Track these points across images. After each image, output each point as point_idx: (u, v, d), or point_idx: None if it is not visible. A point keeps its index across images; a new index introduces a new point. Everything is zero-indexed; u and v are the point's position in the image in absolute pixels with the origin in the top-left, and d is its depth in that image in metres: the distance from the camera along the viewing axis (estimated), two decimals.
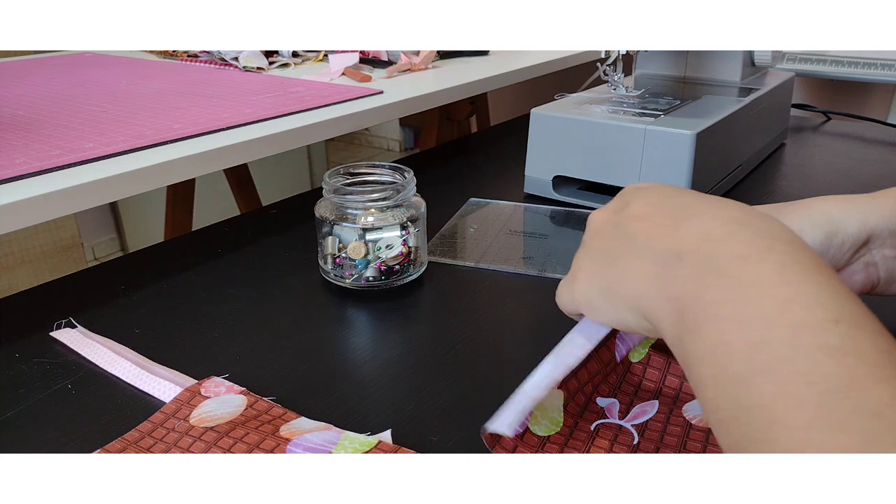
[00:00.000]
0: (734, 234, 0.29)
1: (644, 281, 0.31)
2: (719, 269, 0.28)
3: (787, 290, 0.26)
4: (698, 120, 0.63)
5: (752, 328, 0.25)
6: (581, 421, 0.37)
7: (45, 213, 0.49)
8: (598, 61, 0.72)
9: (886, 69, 1.22)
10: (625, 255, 0.33)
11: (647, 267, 0.31)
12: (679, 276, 0.29)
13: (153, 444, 0.35)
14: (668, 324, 0.29)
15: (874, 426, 0.21)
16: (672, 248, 0.30)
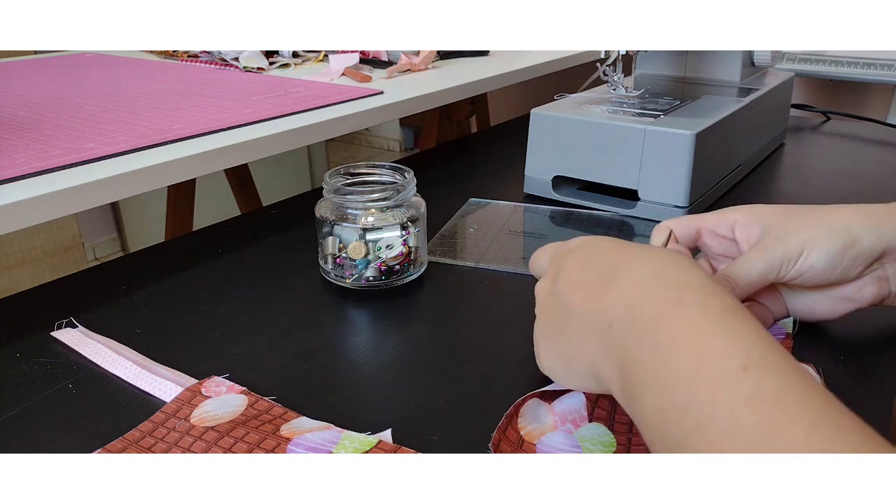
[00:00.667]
0: (646, 294, 0.30)
1: (591, 349, 0.32)
2: (640, 334, 0.29)
3: (699, 346, 0.26)
4: (698, 120, 0.64)
5: (677, 391, 0.26)
6: (633, 436, 0.36)
7: (45, 214, 0.49)
8: (598, 61, 0.72)
9: (885, 69, 1.22)
10: (569, 327, 0.34)
11: (588, 336, 0.32)
12: (614, 344, 0.30)
13: (154, 443, 0.35)
14: (617, 388, 0.30)
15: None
16: (603, 316, 0.31)
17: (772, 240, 0.41)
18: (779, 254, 0.41)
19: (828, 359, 0.42)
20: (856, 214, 0.41)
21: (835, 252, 0.40)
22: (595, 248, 0.36)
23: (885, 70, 1.22)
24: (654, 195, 0.64)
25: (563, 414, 0.37)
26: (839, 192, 0.72)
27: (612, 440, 0.35)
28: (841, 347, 0.44)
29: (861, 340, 0.45)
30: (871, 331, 0.46)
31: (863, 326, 0.46)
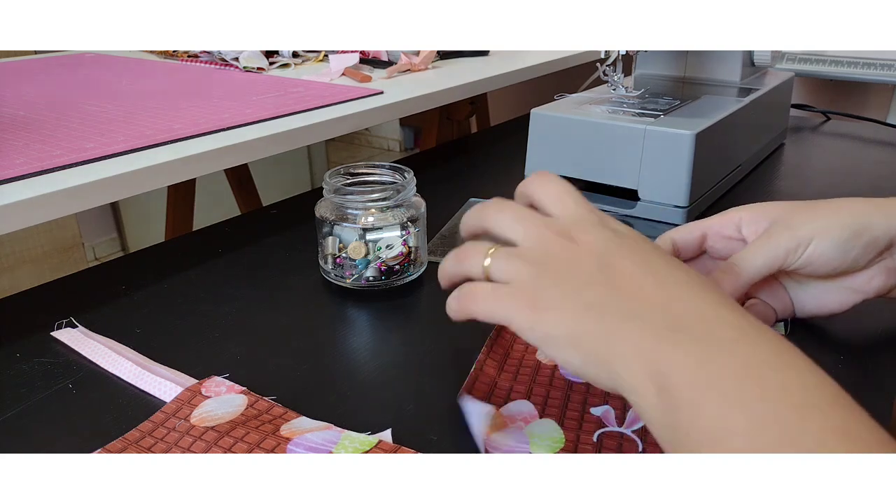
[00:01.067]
0: (724, 316, 0.29)
1: (628, 345, 0.29)
2: (721, 347, 0.28)
3: (785, 374, 0.27)
4: (698, 120, 0.64)
5: (754, 408, 0.26)
6: (581, 433, 0.36)
7: (45, 214, 0.49)
8: (598, 61, 0.72)
9: (885, 69, 1.22)
10: (610, 309, 0.30)
11: (634, 333, 0.29)
12: (672, 351, 0.28)
13: (154, 443, 0.35)
14: (647, 394, 0.28)
15: None
16: (668, 319, 0.29)
17: (780, 228, 0.41)
18: (785, 240, 0.41)
19: (828, 359, 0.42)
20: (865, 206, 0.41)
21: (846, 239, 0.40)
22: (654, 254, 0.33)
23: (885, 70, 1.22)
24: (654, 195, 0.64)
25: (511, 415, 0.37)
26: (839, 192, 0.72)
27: (561, 436, 0.36)
28: (841, 347, 0.44)
29: (861, 340, 0.45)
30: (871, 330, 0.46)
31: (863, 326, 0.46)
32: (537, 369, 0.41)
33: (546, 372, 0.41)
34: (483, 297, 0.33)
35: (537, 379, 0.41)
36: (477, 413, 0.36)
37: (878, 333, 0.46)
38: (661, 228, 0.63)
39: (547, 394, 0.39)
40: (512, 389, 0.40)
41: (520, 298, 0.32)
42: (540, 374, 0.41)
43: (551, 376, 0.41)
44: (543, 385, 0.40)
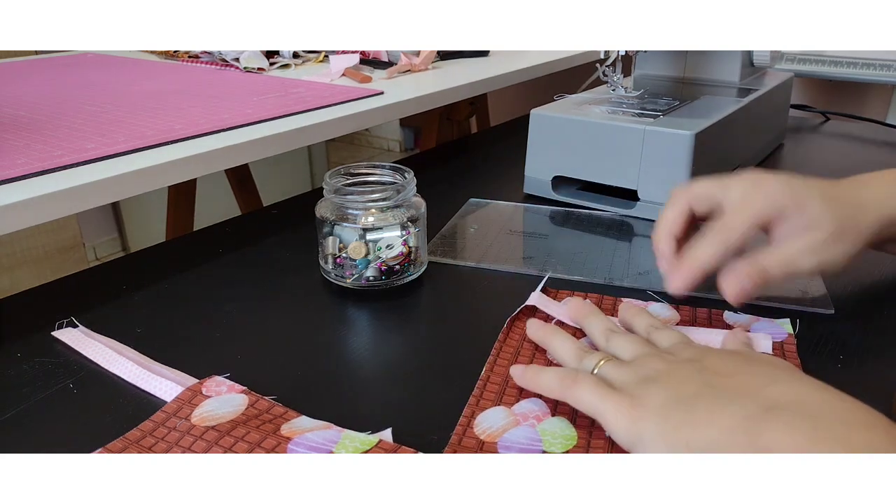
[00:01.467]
0: (831, 401, 0.30)
1: (720, 429, 0.30)
2: (827, 427, 0.28)
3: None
4: (697, 120, 0.64)
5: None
6: (594, 430, 0.36)
7: (46, 214, 0.49)
8: (598, 62, 0.72)
9: (885, 69, 1.22)
10: (702, 400, 0.31)
11: (726, 416, 0.30)
12: (771, 427, 0.29)
13: (154, 443, 0.35)
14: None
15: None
16: (762, 401, 0.30)
17: (825, 241, 0.43)
18: (829, 257, 0.43)
19: (828, 359, 0.43)
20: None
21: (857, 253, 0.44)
22: (747, 360, 0.35)
23: (884, 70, 1.22)
24: (653, 195, 0.64)
25: (523, 414, 0.38)
26: None
27: (573, 434, 0.36)
28: (841, 347, 0.44)
29: (861, 340, 0.45)
30: (871, 330, 0.46)
31: (863, 326, 0.46)
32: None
33: None
34: (586, 387, 0.35)
35: None
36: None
37: (878, 334, 0.46)
38: None
39: (557, 401, 0.38)
40: (524, 388, 0.39)
41: (622, 398, 0.34)
42: None
43: None
44: None
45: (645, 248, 0.59)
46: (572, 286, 0.52)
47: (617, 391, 0.34)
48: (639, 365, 0.36)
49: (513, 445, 0.35)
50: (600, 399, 0.34)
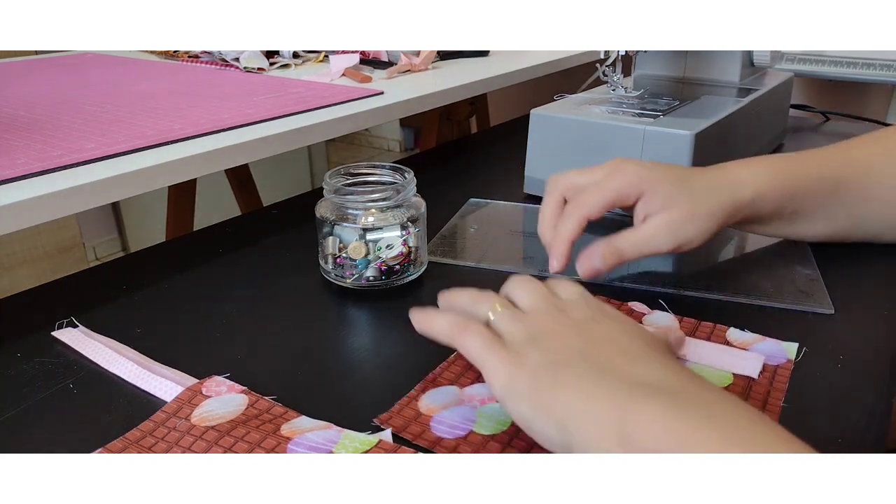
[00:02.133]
0: (692, 383, 0.32)
1: (584, 398, 0.31)
2: (686, 401, 0.30)
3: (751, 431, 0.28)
4: (697, 120, 0.64)
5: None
6: None
7: (46, 214, 0.49)
8: (598, 62, 0.72)
9: (885, 69, 1.22)
10: (572, 368, 0.32)
11: (590, 386, 0.31)
12: (635, 402, 0.30)
13: (154, 443, 0.35)
14: (605, 448, 0.30)
15: None
16: (627, 378, 0.31)
17: (679, 220, 0.47)
18: (685, 236, 0.47)
19: (828, 359, 0.43)
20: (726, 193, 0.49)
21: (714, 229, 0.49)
22: (629, 327, 0.36)
23: (884, 70, 1.22)
24: None
25: (470, 396, 0.39)
26: None
27: (508, 419, 0.37)
28: (841, 347, 0.44)
29: (861, 340, 0.45)
30: (871, 330, 0.46)
31: (863, 326, 0.46)
32: None
33: None
34: (475, 336, 0.35)
35: None
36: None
37: (878, 334, 0.46)
38: None
39: None
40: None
41: (507, 353, 0.34)
42: None
43: None
44: None
45: None
46: None
47: (503, 345, 0.35)
48: (530, 321, 0.36)
49: (445, 421, 0.37)
50: (486, 350, 0.35)
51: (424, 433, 0.36)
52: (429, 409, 0.38)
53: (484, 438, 0.36)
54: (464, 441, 0.35)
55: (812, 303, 0.48)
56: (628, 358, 0.33)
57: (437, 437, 0.36)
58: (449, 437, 0.36)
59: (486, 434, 0.36)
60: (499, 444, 0.35)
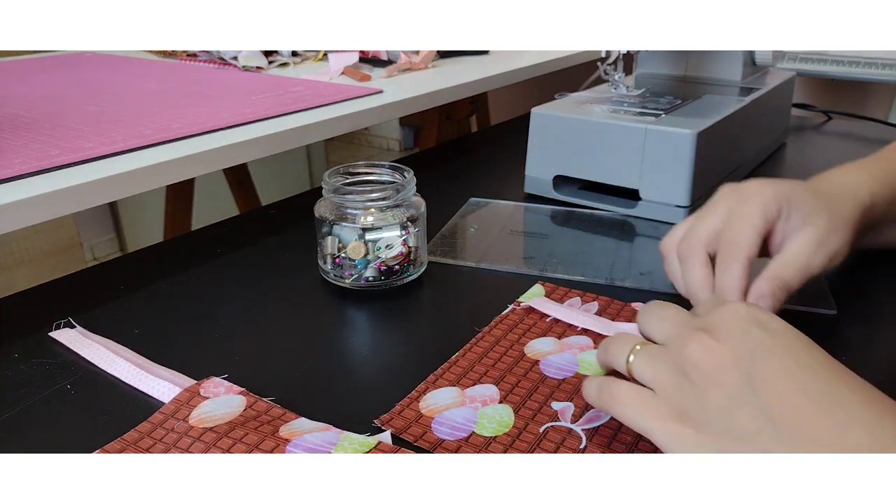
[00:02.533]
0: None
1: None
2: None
3: None
4: (699, 119, 0.63)
5: None
6: (531, 423, 0.37)
7: (44, 213, 0.49)
8: (599, 61, 0.72)
9: (887, 68, 1.21)
10: (763, 442, 0.28)
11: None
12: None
13: (152, 444, 0.35)
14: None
15: None
16: (832, 442, 0.26)
17: (825, 232, 0.42)
18: (833, 248, 0.42)
19: None
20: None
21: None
22: (805, 356, 0.30)
23: (886, 69, 1.21)
24: (655, 195, 0.63)
25: (472, 397, 0.39)
26: None
27: (511, 421, 0.37)
28: (843, 348, 0.44)
29: (863, 340, 0.45)
30: (873, 330, 0.46)
31: (865, 326, 0.46)
32: (518, 360, 0.42)
33: (525, 365, 0.42)
34: (626, 403, 0.32)
35: (514, 369, 0.41)
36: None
37: (878, 335, 0.46)
38: (662, 228, 0.63)
39: (517, 382, 0.40)
40: (486, 374, 0.41)
41: (663, 411, 0.30)
42: (519, 366, 0.42)
43: (528, 369, 0.41)
44: (517, 375, 0.41)
45: (647, 248, 0.59)
46: (573, 286, 0.52)
47: (656, 400, 0.31)
48: (673, 351, 0.32)
49: (446, 422, 0.37)
50: (641, 416, 0.31)
51: (426, 435, 0.36)
52: (430, 410, 0.38)
53: (486, 440, 0.35)
54: (465, 442, 0.35)
55: (815, 303, 0.48)
56: (831, 419, 0.27)
57: (438, 438, 0.35)
58: (450, 439, 0.35)
59: (487, 436, 0.36)
60: (501, 446, 0.35)
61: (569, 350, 0.43)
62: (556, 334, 0.45)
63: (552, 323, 0.46)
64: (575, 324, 0.46)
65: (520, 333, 0.45)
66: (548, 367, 0.41)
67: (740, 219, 0.42)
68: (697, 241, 0.44)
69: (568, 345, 0.44)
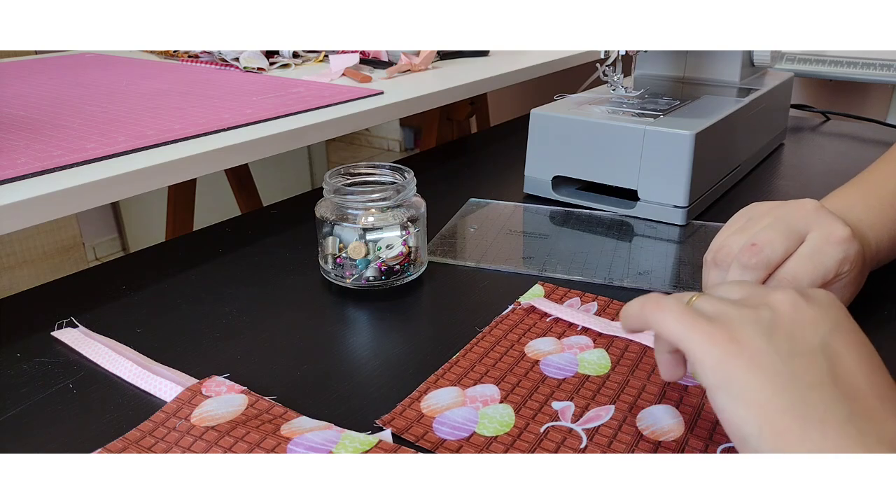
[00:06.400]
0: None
1: (832, 445, 0.26)
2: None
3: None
4: (697, 120, 0.64)
5: None
6: (532, 423, 0.37)
7: (46, 214, 0.49)
8: (598, 62, 0.72)
9: (885, 69, 1.22)
10: (824, 398, 0.26)
11: (846, 441, 0.26)
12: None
13: (154, 443, 0.35)
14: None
15: None
16: (886, 436, 0.26)
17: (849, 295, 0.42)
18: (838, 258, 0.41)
19: None
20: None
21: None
22: (869, 352, 0.29)
23: (884, 70, 1.22)
24: (653, 195, 0.64)
25: (473, 396, 0.39)
26: None
27: (511, 421, 0.37)
28: None
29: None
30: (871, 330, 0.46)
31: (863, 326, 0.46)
32: (518, 360, 0.42)
33: (525, 365, 0.42)
34: (672, 312, 0.29)
35: (514, 369, 0.42)
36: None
37: (879, 333, 0.46)
38: (660, 228, 0.63)
39: (517, 382, 0.40)
40: (486, 374, 0.41)
41: (717, 330, 0.28)
42: (519, 366, 0.42)
43: (529, 369, 0.42)
44: (517, 375, 0.41)
45: (645, 248, 0.59)
46: (572, 286, 0.52)
47: (708, 320, 0.28)
48: (755, 298, 0.30)
49: (447, 422, 0.37)
50: (687, 327, 0.28)
51: (427, 435, 0.36)
52: (431, 411, 0.38)
53: (487, 440, 0.36)
54: (466, 442, 0.35)
55: None
56: (870, 387, 0.27)
57: (439, 438, 0.36)
58: (451, 439, 0.36)
59: (488, 435, 0.36)
60: (502, 446, 0.35)
61: (569, 350, 0.43)
62: (557, 334, 0.45)
63: (552, 323, 0.47)
64: (575, 323, 0.46)
65: (520, 333, 0.45)
66: (548, 367, 0.42)
67: (816, 264, 0.40)
68: (769, 259, 0.40)
69: (568, 345, 0.44)
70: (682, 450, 0.35)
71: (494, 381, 0.40)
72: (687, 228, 0.63)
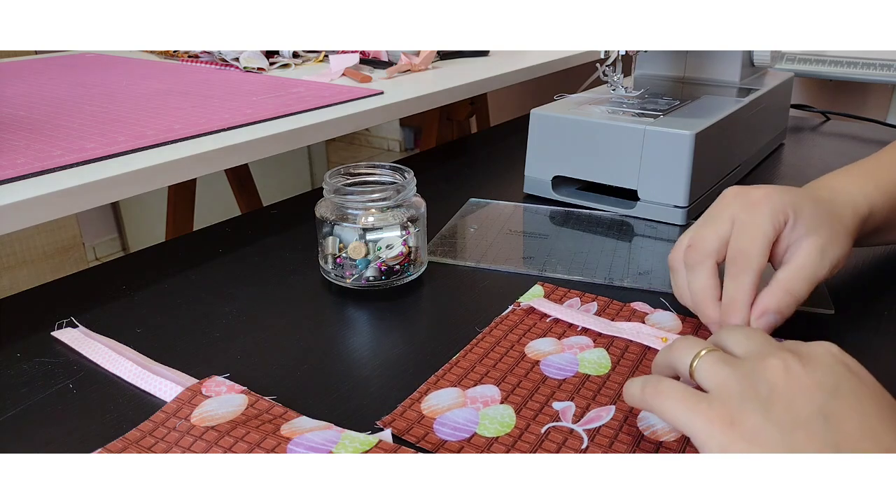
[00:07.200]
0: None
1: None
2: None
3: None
4: (697, 120, 0.64)
5: None
6: (533, 423, 0.37)
7: (46, 214, 0.49)
8: (598, 62, 0.72)
9: (885, 69, 1.22)
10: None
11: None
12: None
13: (154, 443, 0.35)
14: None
15: None
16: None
17: (829, 241, 0.42)
18: (835, 257, 0.42)
19: None
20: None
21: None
22: (877, 403, 0.29)
23: (884, 70, 1.22)
24: (653, 195, 0.64)
25: (473, 397, 0.39)
26: None
27: (512, 422, 0.37)
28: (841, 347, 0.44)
29: (861, 340, 0.45)
30: (871, 330, 0.46)
31: (863, 326, 0.46)
32: (519, 361, 0.42)
33: (526, 365, 0.42)
34: (672, 397, 0.30)
35: (515, 370, 0.42)
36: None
37: (879, 333, 0.46)
38: (660, 228, 0.63)
39: (518, 383, 0.40)
40: (487, 375, 0.41)
41: (716, 412, 0.29)
42: (519, 366, 0.42)
43: (529, 369, 0.42)
44: (518, 375, 0.41)
45: (645, 248, 0.59)
46: (572, 286, 0.52)
47: (707, 401, 0.29)
48: (750, 363, 0.30)
49: (448, 423, 0.37)
50: (687, 412, 0.29)
51: (428, 436, 0.36)
52: (431, 411, 0.38)
53: (488, 440, 0.36)
54: (467, 443, 0.35)
55: (812, 303, 0.48)
56: (877, 450, 0.27)
57: (440, 439, 0.36)
58: (452, 440, 0.36)
59: (489, 436, 0.36)
60: (503, 446, 0.35)
61: (569, 350, 0.43)
62: (557, 334, 0.45)
63: (552, 323, 0.47)
64: (575, 323, 0.46)
65: (520, 334, 0.45)
66: (548, 368, 0.42)
67: (750, 228, 0.42)
68: (705, 250, 0.43)
69: (568, 345, 0.44)
70: (683, 450, 0.35)
71: (495, 382, 0.40)
72: (687, 228, 0.63)
